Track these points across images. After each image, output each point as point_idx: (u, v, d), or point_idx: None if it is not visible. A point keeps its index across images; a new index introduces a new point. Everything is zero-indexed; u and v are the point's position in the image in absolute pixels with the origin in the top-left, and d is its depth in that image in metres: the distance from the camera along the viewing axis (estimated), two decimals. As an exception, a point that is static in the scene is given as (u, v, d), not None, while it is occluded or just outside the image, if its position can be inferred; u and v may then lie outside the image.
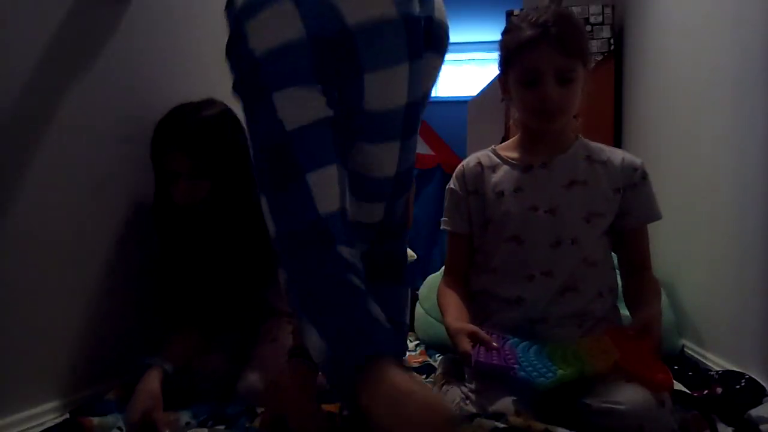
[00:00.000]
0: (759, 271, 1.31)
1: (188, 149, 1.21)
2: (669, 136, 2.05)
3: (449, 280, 1.24)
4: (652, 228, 1.22)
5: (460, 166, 1.27)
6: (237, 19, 0.86)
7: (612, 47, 2.88)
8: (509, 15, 3.00)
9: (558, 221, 1.15)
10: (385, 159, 0.98)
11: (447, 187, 1.28)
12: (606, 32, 2.91)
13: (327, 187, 0.84)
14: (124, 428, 1.02)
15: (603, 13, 2.92)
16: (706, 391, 1.25)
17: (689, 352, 1.66)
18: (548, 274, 1.13)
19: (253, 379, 1.17)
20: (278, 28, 0.83)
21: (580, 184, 1.17)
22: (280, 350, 1.22)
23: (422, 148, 3.73)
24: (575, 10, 2.93)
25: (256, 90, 0.84)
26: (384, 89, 0.92)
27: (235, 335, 1.29)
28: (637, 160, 1.21)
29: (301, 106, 0.84)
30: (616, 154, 1.21)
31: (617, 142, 2.85)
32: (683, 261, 1.84)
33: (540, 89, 1.12)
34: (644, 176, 1.19)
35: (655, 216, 1.20)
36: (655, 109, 2.27)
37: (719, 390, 1.22)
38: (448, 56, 1.17)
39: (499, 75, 1.24)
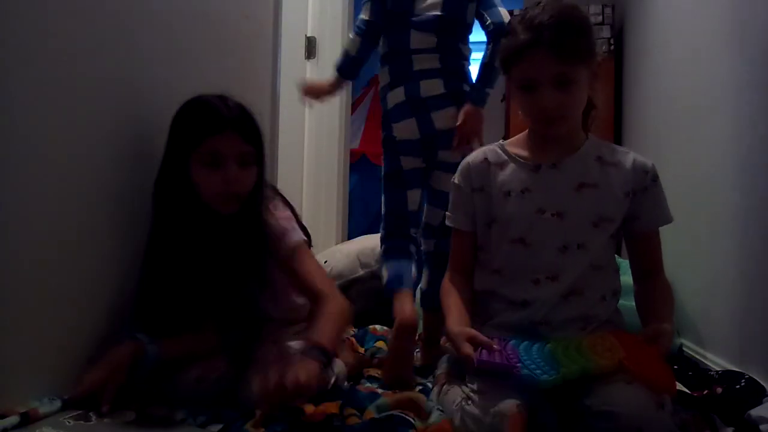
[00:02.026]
0: (759, 271, 1.31)
1: (243, 131, 1.17)
2: (669, 136, 2.05)
3: (453, 277, 1.23)
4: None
5: (465, 161, 1.23)
6: None
7: (612, 47, 2.89)
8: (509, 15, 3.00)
9: (566, 225, 1.11)
10: (447, 181, 1.34)
11: (452, 181, 1.25)
12: (606, 32, 2.91)
13: (414, 198, 1.61)
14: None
15: (603, 13, 2.92)
16: (706, 391, 1.25)
17: (689, 352, 1.66)
18: (554, 278, 1.11)
19: (256, 383, 1.14)
20: None
21: (590, 187, 1.12)
22: (283, 352, 1.21)
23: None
24: (575, 10, 2.93)
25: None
26: None
27: (237, 336, 1.25)
28: (648, 162, 1.16)
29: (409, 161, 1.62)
30: (627, 156, 1.17)
31: (617, 142, 2.86)
32: (683, 261, 1.84)
33: (537, 96, 1.08)
34: (655, 179, 1.15)
35: (666, 219, 1.17)
36: (655, 109, 2.28)
37: (719, 390, 1.22)
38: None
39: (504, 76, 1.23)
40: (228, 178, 1.15)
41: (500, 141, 1.24)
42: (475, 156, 1.23)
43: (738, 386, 1.21)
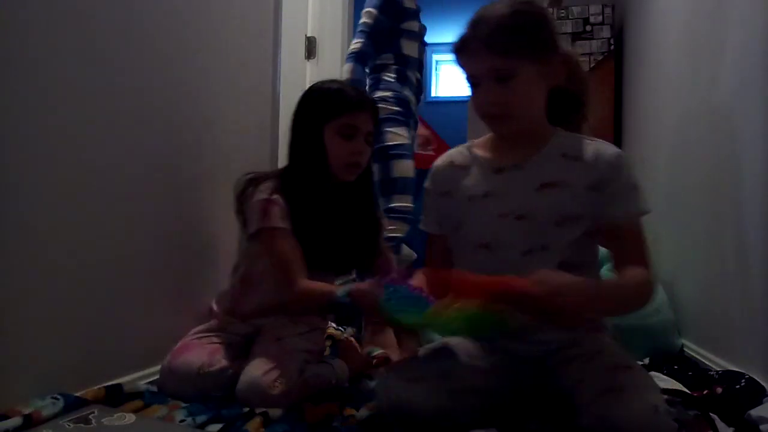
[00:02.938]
0: (759, 271, 1.31)
1: (374, 113, 1.39)
2: (669, 136, 2.05)
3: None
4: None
5: (434, 164, 1.22)
6: None
7: (612, 47, 2.89)
8: (509, 15, 3.01)
9: (528, 228, 1.07)
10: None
11: (424, 185, 1.24)
12: (606, 32, 2.91)
13: None
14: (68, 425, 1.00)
15: (603, 13, 2.92)
16: (706, 391, 1.25)
17: (689, 352, 1.66)
18: None
19: (248, 378, 1.16)
20: None
21: (551, 187, 1.07)
22: (285, 347, 1.22)
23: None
24: (575, 10, 2.94)
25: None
26: None
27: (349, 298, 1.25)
28: (614, 152, 1.08)
29: None
30: (592, 148, 1.09)
31: (617, 142, 2.86)
32: (683, 261, 1.84)
33: (478, 92, 1.06)
34: (620, 168, 1.06)
35: (636, 209, 1.06)
36: (655, 109, 2.28)
37: (719, 390, 1.22)
38: (447, 56, 1.20)
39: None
40: (357, 150, 1.34)
41: (469, 141, 1.22)
42: (442, 159, 1.22)
43: (738, 386, 1.21)
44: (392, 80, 2.14)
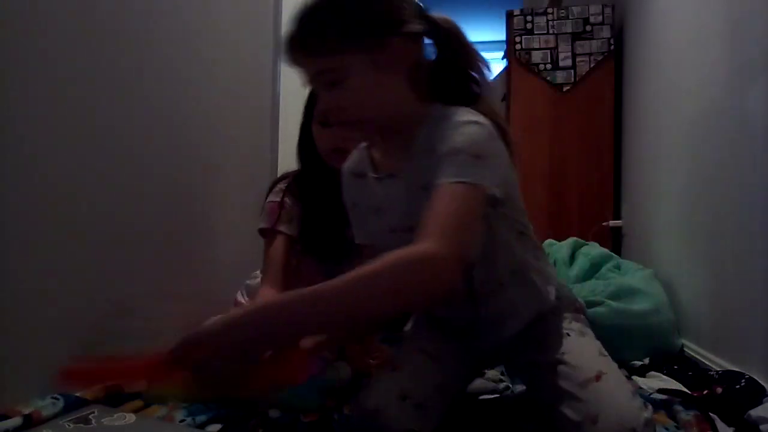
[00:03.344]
0: (759, 271, 1.31)
1: None
2: (669, 136, 2.05)
3: None
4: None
5: (342, 170, 1.10)
6: None
7: (612, 47, 2.89)
8: (509, 15, 3.01)
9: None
10: None
11: None
12: (606, 32, 2.91)
13: None
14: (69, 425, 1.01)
15: (603, 13, 2.92)
16: (706, 391, 1.25)
17: (689, 352, 1.66)
18: None
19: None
20: None
21: (426, 190, 0.86)
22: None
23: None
24: (575, 10, 2.94)
25: None
26: None
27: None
28: (459, 129, 0.86)
29: None
30: (449, 132, 0.87)
31: (617, 142, 2.86)
32: (683, 261, 1.84)
33: (319, 99, 0.95)
34: (456, 138, 0.85)
35: (458, 177, 0.81)
36: (655, 109, 2.27)
37: (719, 390, 1.22)
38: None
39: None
40: (337, 135, 1.24)
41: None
42: (346, 165, 1.08)
43: (738, 386, 1.21)
44: None
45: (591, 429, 0.84)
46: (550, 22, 2.96)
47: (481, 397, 1.21)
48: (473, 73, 0.96)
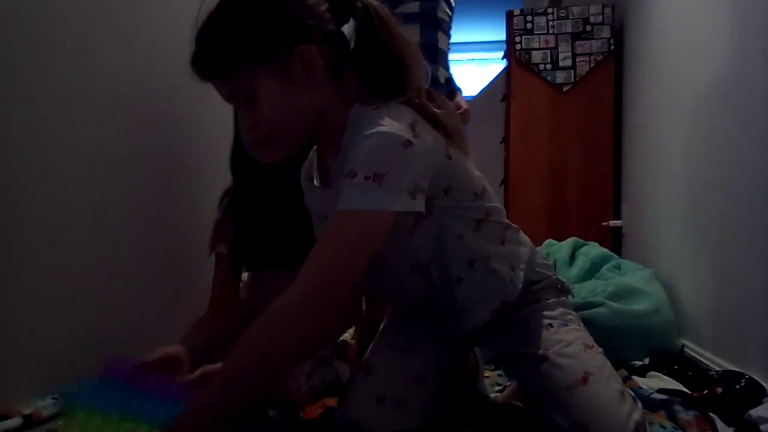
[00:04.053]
0: (759, 270, 1.31)
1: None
2: (669, 136, 2.05)
3: None
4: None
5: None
6: None
7: (612, 47, 2.89)
8: (509, 15, 3.01)
9: None
10: None
11: None
12: (606, 32, 2.91)
13: None
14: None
15: (603, 13, 2.92)
16: (706, 391, 1.25)
17: (689, 352, 1.66)
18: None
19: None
20: None
21: None
22: None
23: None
24: (575, 10, 2.94)
25: None
26: None
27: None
28: (365, 138, 0.80)
29: None
30: (360, 137, 0.81)
31: (617, 142, 2.86)
32: (683, 261, 1.84)
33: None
34: (360, 155, 0.79)
35: (353, 205, 0.79)
36: (655, 109, 2.28)
37: (719, 390, 1.22)
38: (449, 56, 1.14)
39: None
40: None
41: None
42: (302, 167, 1.05)
43: (738, 386, 1.21)
44: None
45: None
46: (550, 22, 2.96)
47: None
48: (397, 55, 0.86)
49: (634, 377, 1.40)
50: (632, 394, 0.93)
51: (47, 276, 1.06)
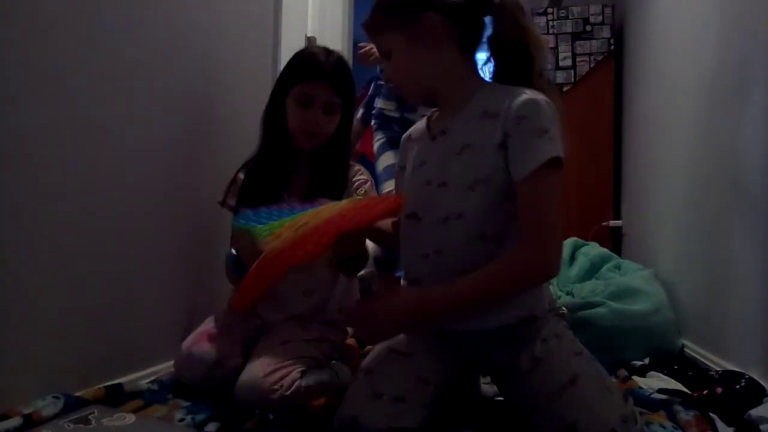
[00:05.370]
0: (759, 271, 1.31)
1: (335, 84, 1.37)
2: (669, 136, 2.05)
3: None
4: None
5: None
6: None
7: (612, 47, 2.89)
8: (509, 15, 3.01)
9: (449, 195, 1.01)
10: None
11: None
12: (606, 32, 2.91)
13: None
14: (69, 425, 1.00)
15: (603, 13, 2.92)
16: (706, 391, 1.25)
17: (689, 352, 1.66)
18: (438, 252, 1.01)
19: (249, 378, 1.15)
20: None
21: (468, 149, 1.01)
22: (291, 351, 1.21)
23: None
24: (575, 10, 2.94)
25: None
26: None
27: None
28: (522, 100, 0.96)
29: None
30: (508, 100, 0.97)
31: (617, 142, 2.86)
32: (683, 261, 1.84)
33: None
34: (519, 119, 0.95)
35: (537, 160, 0.95)
36: (655, 109, 2.28)
37: (719, 390, 1.22)
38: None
39: None
40: (310, 119, 1.36)
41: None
42: (406, 133, 1.21)
43: (738, 386, 1.21)
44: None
45: None
46: (550, 22, 2.96)
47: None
48: (530, 54, 1.03)
49: (634, 377, 1.40)
50: (623, 391, 0.95)
51: (47, 276, 1.06)
